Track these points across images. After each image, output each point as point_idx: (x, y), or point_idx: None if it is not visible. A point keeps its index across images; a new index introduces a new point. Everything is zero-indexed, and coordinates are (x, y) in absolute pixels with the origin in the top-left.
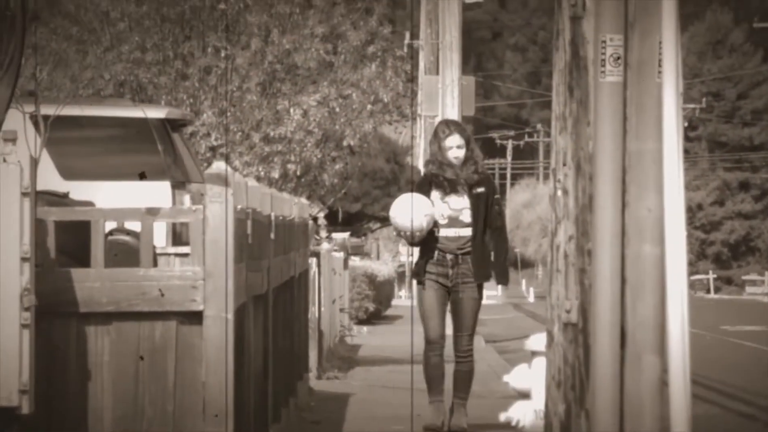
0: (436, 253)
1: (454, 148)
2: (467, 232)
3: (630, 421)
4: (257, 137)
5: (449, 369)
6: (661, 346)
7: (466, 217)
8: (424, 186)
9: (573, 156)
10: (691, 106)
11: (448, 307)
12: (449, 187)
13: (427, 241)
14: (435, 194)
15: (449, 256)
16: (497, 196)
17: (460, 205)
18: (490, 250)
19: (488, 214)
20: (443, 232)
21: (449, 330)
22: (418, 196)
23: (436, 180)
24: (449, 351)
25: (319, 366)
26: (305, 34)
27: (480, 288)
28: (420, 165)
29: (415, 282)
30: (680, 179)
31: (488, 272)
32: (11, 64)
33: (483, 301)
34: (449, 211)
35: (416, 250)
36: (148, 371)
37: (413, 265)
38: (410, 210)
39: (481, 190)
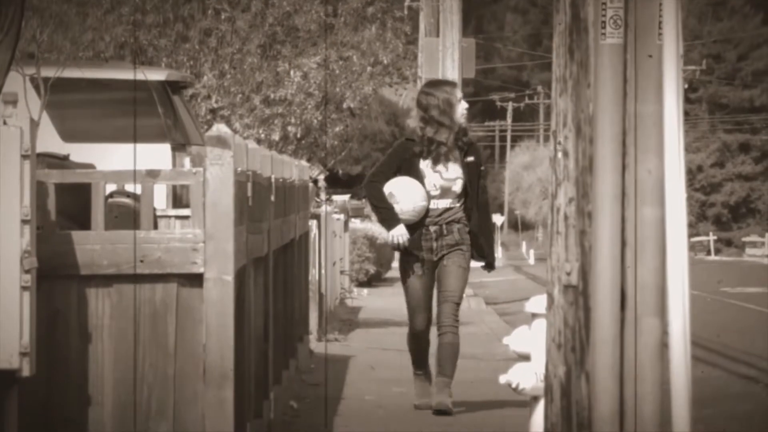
0: (422, 227)
1: (462, 100)
2: (456, 203)
3: (630, 383)
4: (258, 99)
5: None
6: (662, 308)
7: (459, 187)
8: (407, 152)
9: (573, 118)
10: (692, 67)
11: (435, 290)
12: (442, 155)
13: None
14: (425, 163)
15: (433, 228)
16: (483, 168)
17: (453, 174)
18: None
19: (478, 186)
20: (434, 204)
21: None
22: (413, 183)
23: (427, 147)
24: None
25: (319, 328)
26: None
27: (467, 257)
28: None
29: (398, 254)
30: (680, 141)
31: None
32: (11, 27)
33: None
34: (441, 182)
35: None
36: (148, 334)
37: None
38: (408, 194)
39: (471, 159)
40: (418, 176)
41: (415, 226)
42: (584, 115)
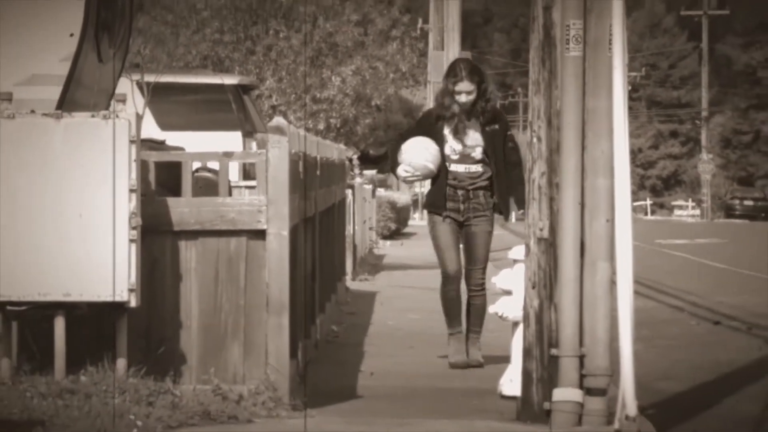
0: (448, 188)
1: (463, 94)
2: (478, 168)
3: (588, 311)
4: (307, 98)
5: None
6: (611, 254)
7: (478, 154)
8: (429, 120)
9: (545, 112)
10: (634, 74)
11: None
12: (463, 123)
13: (439, 175)
14: (448, 129)
15: (460, 192)
16: (510, 132)
17: (473, 141)
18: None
19: (504, 151)
20: (454, 168)
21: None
22: (423, 144)
23: (449, 116)
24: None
25: (353, 270)
26: (343, 20)
27: (491, 221)
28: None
29: (426, 213)
30: (625, 129)
31: (509, 208)
32: (122, 43)
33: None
34: (461, 147)
35: (427, 183)
36: (225, 275)
37: (425, 196)
38: (418, 151)
39: (495, 126)
40: (440, 141)
41: (439, 190)
42: (553, 110)
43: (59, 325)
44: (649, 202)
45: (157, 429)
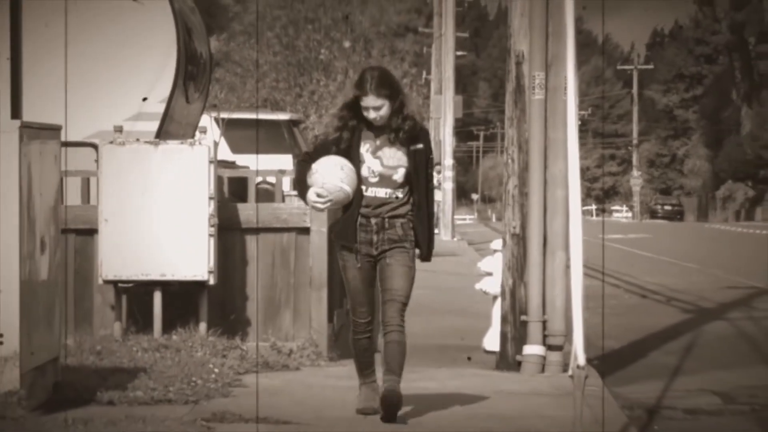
0: (360, 217)
1: (371, 110)
2: (399, 194)
3: (549, 288)
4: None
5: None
6: (566, 246)
7: (401, 176)
8: (341, 135)
9: (517, 140)
10: (583, 112)
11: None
12: (382, 140)
13: (353, 201)
14: (365, 147)
15: (374, 220)
16: (432, 156)
17: (395, 161)
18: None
19: (426, 175)
20: (371, 192)
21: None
22: (342, 160)
23: (365, 131)
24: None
25: None
26: None
27: (411, 256)
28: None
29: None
30: (576, 153)
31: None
32: (204, 89)
33: (465, 221)
34: (381, 168)
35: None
36: (280, 261)
37: (335, 224)
38: (331, 170)
39: (419, 146)
40: (356, 161)
41: (350, 218)
42: (523, 139)
43: (157, 297)
44: (594, 207)
45: (230, 375)
